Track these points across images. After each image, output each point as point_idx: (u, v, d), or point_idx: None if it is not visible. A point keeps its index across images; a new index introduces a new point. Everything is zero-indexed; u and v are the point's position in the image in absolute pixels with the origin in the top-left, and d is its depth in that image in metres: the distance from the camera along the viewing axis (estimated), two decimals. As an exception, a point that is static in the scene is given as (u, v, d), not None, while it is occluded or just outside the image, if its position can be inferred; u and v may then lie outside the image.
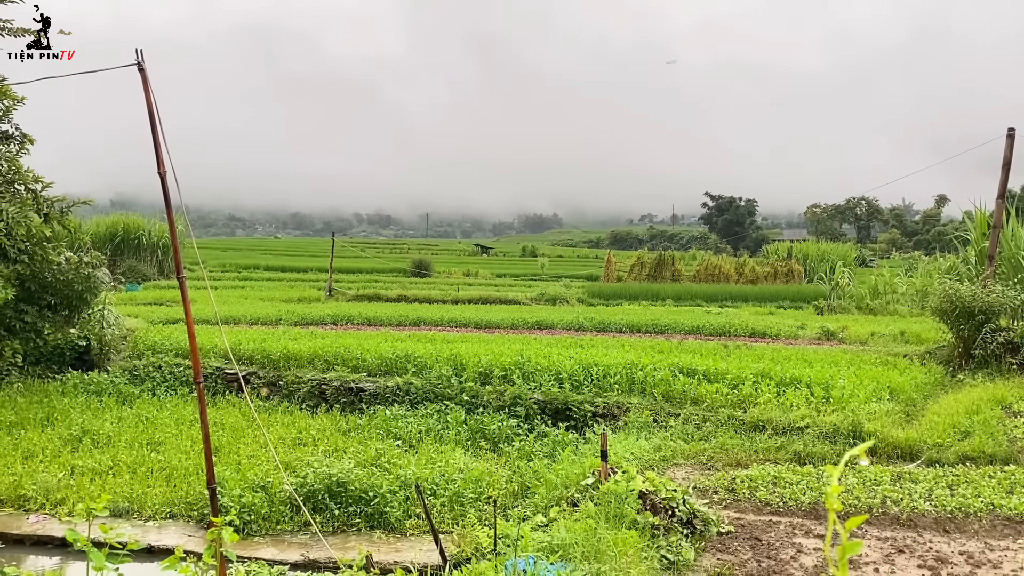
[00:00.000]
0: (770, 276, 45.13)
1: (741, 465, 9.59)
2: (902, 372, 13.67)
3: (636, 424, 11.06)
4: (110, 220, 49.21)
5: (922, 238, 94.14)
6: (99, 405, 12.75)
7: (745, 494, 8.43)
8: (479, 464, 9.76)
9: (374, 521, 8.31)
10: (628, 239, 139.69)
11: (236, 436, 11.02)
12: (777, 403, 11.29)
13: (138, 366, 14.84)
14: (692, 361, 13.27)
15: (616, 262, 52.97)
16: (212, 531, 3.24)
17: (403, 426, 11.41)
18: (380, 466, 9.38)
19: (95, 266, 16.24)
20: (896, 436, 10.12)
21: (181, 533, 8.12)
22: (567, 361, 13.10)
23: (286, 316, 22.21)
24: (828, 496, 1.31)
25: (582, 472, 7.88)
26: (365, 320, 22.76)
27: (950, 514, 7.75)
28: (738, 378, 12.25)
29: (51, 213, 14.68)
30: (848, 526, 1.43)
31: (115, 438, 10.81)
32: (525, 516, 7.58)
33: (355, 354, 14.02)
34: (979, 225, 17.90)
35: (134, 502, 8.64)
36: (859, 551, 1.36)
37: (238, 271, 53.13)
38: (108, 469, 9.62)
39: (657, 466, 9.33)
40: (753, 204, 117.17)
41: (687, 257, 66.22)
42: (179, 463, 9.70)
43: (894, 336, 19.22)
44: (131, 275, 41.36)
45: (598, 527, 6.17)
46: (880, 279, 34.69)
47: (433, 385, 12.79)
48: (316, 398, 13.37)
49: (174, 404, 12.96)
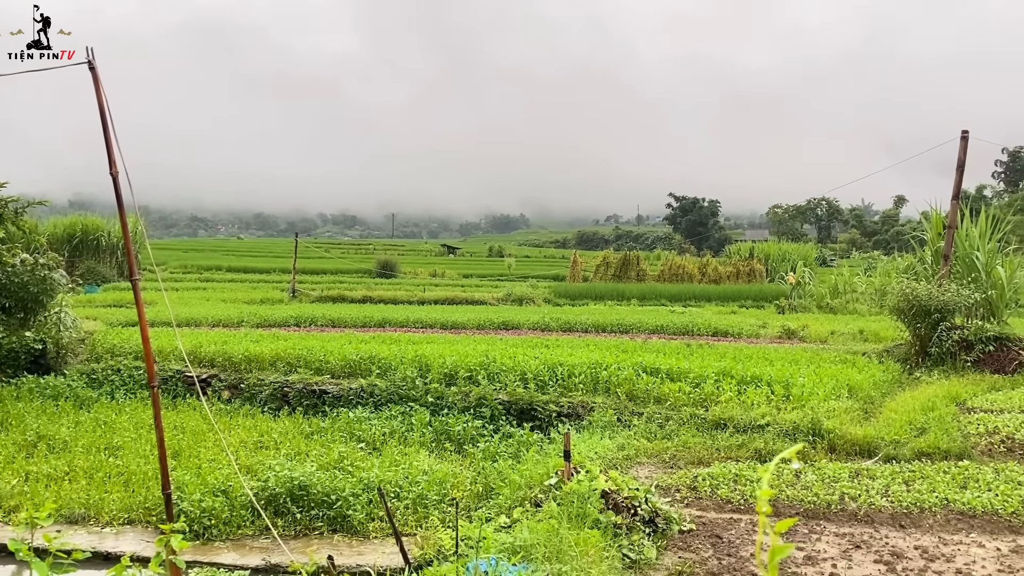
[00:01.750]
0: (733, 276, 45.64)
1: (703, 463, 9.68)
2: (861, 370, 13.89)
3: (600, 423, 11.12)
4: (68, 221, 48.23)
5: (881, 238, 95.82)
6: (55, 409, 12.50)
7: (707, 492, 8.50)
8: (443, 466, 9.74)
9: (337, 524, 8.25)
10: (594, 239, 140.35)
11: (197, 440, 10.87)
12: (738, 401, 11.42)
13: (96, 369, 14.58)
14: (656, 360, 13.37)
15: (582, 262, 53.20)
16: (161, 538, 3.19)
17: (367, 428, 11.35)
18: (343, 469, 9.32)
19: (52, 267, 15.93)
20: (854, 433, 10.28)
21: (139, 539, 7.99)
22: (532, 361, 13.13)
23: (248, 318, 21.96)
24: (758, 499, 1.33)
25: (546, 472, 7.90)
26: (329, 321, 22.60)
27: (906, 509, 7.89)
28: (700, 377, 12.36)
29: (5, 214, 14.39)
30: (778, 528, 1.45)
31: (72, 443, 10.61)
32: (488, 517, 7.58)
33: (318, 356, 13.92)
34: (935, 225, 18.26)
35: (90, 508, 8.49)
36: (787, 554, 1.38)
37: (200, 272, 52.39)
38: (64, 475, 9.43)
39: (620, 465, 9.38)
40: (716, 205, 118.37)
41: (652, 257, 66.73)
42: (138, 468, 9.55)
43: (853, 334, 19.55)
44: (90, 277, 40.57)
45: (560, 527, 6.19)
46: (840, 278, 35.25)
47: (398, 387, 12.74)
48: (278, 401, 13.25)
49: (133, 408, 12.75)
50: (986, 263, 17.03)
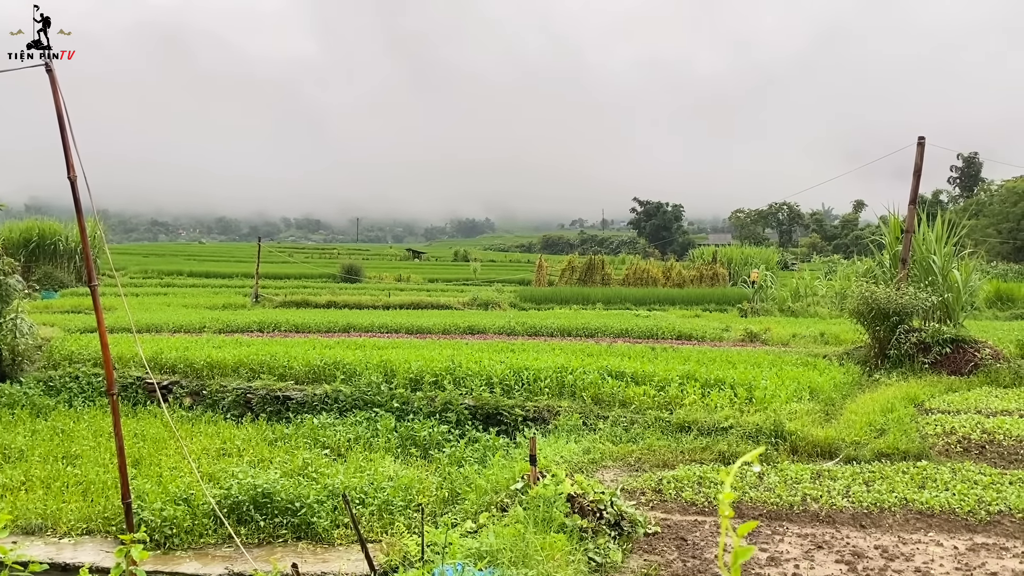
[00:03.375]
0: (696, 279, 46.08)
1: (668, 466, 9.75)
2: (822, 372, 14.10)
3: (566, 427, 11.15)
4: (24, 225, 47.20)
5: (841, 242, 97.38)
6: (11, 418, 12.24)
7: (671, 495, 8.57)
8: (409, 471, 9.70)
9: (301, 532, 8.17)
10: (560, 243, 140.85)
11: (158, 447, 10.70)
12: (702, 404, 11.52)
13: (54, 376, 14.29)
14: (621, 364, 13.45)
15: (548, 266, 53.34)
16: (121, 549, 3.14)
17: (331, 434, 11.26)
18: (307, 476, 9.24)
19: (7, 273, 15.57)
20: (816, 435, 10.43)
21: (98, 550, 7.84)
22: (498, 366, 13.13)
23: (211, 324, 21.68)
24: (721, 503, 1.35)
25: (512, 477, 7.90)
26: (293, 327, 22.39)
27: (866, 510, 8.02)
28: (665, 380, 12.46)
29: (-42, 218, 14.04)
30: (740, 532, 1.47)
31: (28, 452, 10.39)
32: (454, 523, 7.56)
33: (282, 362, 13.79)
34: (893, 230, 18.61)
35: (48, 518, 8.31)
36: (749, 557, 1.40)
37: (160, 277, 51.61)
38: (20, 485, 9.23)
39: (586, 469, 9.41)
40: (680, 209, 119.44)
41: (617, 261, 67.18)
42: (97, 477, 9.37)
43: (814, 337, 19.85)
44: (47, 282, 39.74)
45: (527, 532, 6.19)
46: (801, 282, 35.79)
47: (362, 392, 12.65)
48: (241, 407, 13.09)
49: (92, 416, 12.52)
50: (943, 267, 17.40)
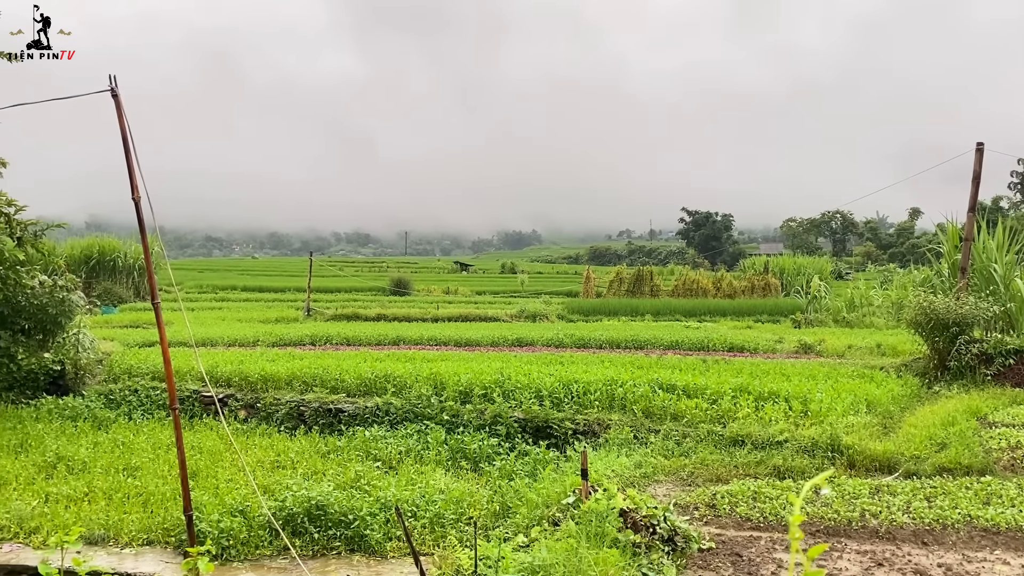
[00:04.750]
0: (747, 290, 45.49)
1: (721, 480, 9.62)
2: (879, 385, 13.79)
3: (617, 441, 11.07)
4: (85, 242, 48.78)
5: (897, 250, 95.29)
6: (74, 430, 12.56)
7: (726, 510, 8.44)
8: (460, 484, 9.71)
9: (354, 544, 8.23)
10: (607, 255, 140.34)
11: (214, 460, 10.90)
12: (756, 417, 11.35)
13: (114, 390, 14.66)
14: (672, 377, 13.32)
15: (595, 278, 53.20)
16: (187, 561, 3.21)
17: (383, 447, 11.34)
18: (360, 488, 9.31)
19: (70, 289, 16.07)
20: (874, 449, 10.20)
21: (159, 560, 8.00)
22: (547, 378, 13.11)
23: (264, 337, 22.06)
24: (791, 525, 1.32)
25: (563, 491, 7.87)
26: (344, 340, 22.66)
27: (928, 526, 7.80)
28: (717, 393, 12.30)
29: (24, 236, 14.55)
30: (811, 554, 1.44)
31: (91, 464, 10.65)
32: (506, 536, 7.55)
33: (334, 375, 13.95)
34: (951, 238, 18.15)
35: (110, 529, 8.50)
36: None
37: (215, 292, 52.75)
38: (83, 496, 9.46)
39: (638, 483, 9.33)
40: (729, 219, 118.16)
41: (665, 272, 66.65)
42: (156, 488, 9.57)
43: (871, 348, 19.42)
44: (107, 298, 40.96)
45: (579, 546, 6.16)
46: (856, 292, 35.07)
47: (413, 405, 12.74)
48: (295, 420, 13.27)
49: (150, 428, 12.80)
50: (1004, 275, 16.90)
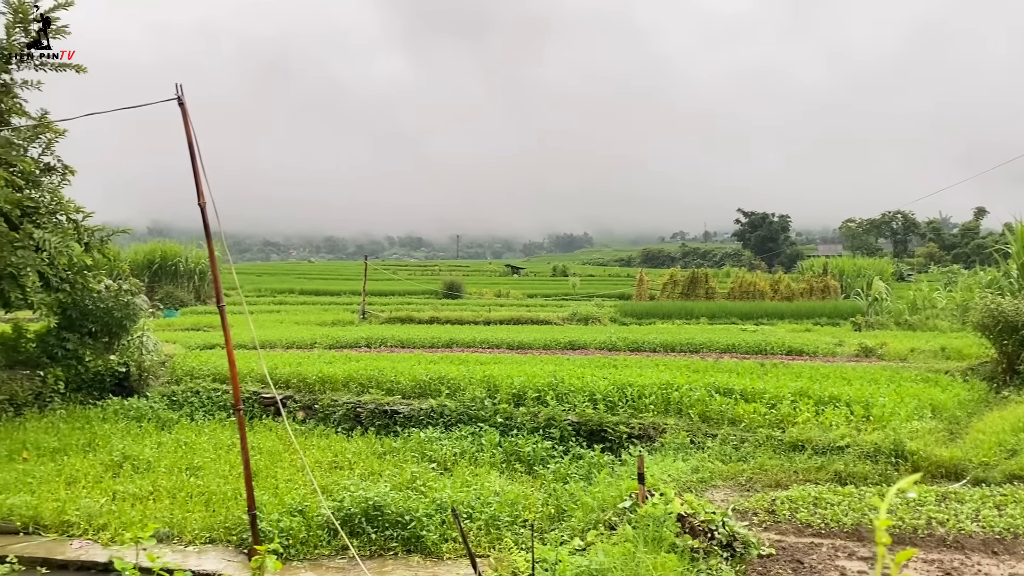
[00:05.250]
0: (806, 292, 44.64)
1: (780, 486, 9.44)
2: (944, 389, 13.39)
3: (672, 445, 10.95)
4: (148, 247, 50.15)
5: (961, 251, 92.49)
6: (139, 430, 12.91)
7: (785, 515, 8.28)
8: (514, 487, 9.72)
9: (411, 545, 8.29)
10: (660, 257, 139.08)
11: (273, 460, 11.09)
12: (816, 422, 11.12)
13: (176, 391, 15.01)
14: (728, 380, 13.13)
15: (648, 280, 52.78)
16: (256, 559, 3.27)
17: (438, 448, 11.41)
18: (416, 489, 9.38)
19: (134, 293, 16.53)
20: (940, 455, 9.90)
21: (221, 558, 8.17)
22: (601, 382, 13.03)
23: (321, 340, 22.40)
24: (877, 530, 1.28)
25: (619, 495, 7.81)
26: (398, 342, 22.87)
27: (998, 535, 7.54)
28: (776, 397, 12.09)
29: (91, 242, 14.97)
30: (898, 559, 1.40)
31: (155, 463, 10.93)
32: (562, 540, 7.53)
33: (389, 377, 14.08)
34: (1020, 238, 17.54)
35: (174, 527, 8.71)
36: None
37: (273, 295, 53.75)
38: (148, 494, 9.72)
39: (695, 488, 9.21)
40: (787, 220, 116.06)
41: (721, 274, 65.80)
42: (218, 488, 9.78)
43: (935, 352, 18.88)
44: (168, 301, 42.05)
45: (637, 551, 6.10)
46: (919, 294, 34.15)
47: (467, 407, 12.78)
48: (351, 421, 13.42)
49: (212, 429, 13.08)
50: (1077, 276, 16.27)
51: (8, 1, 13.47)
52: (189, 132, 5.16)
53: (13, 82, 13.77)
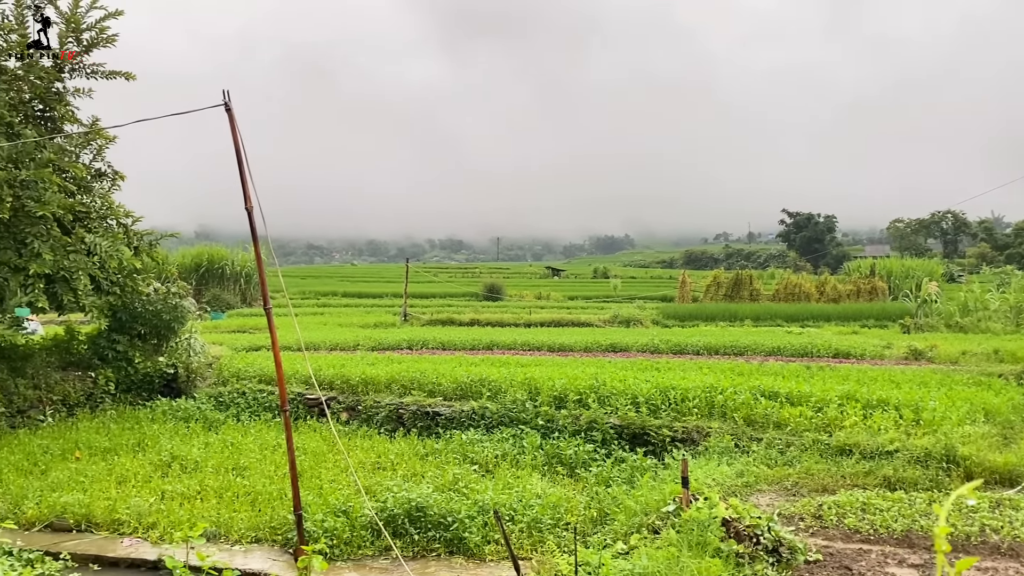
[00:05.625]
0: (852, 294, 43.87)
1: (827, 491, 9.27)
2: (998, 393, 13.04)
3: (717, 449, 10.82)
4: (195, 251, 51.14)
5: (1015, 251, 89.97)
6: (187, 431, 13.14)
7: (833, 521, 8.13)
8: (556, 489, 9.69)
9: (453, 546, 8.31)
10: (703, 258, 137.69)
11: (317, 460, 11.20)
12: (864, 426, 10.90)
13: (223, 392, 15.24)
14: (774, 383, 12.95)
15: (691, 282, 52.33)
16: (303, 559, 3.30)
17: (479, 450, 11.42)
18: (458, 491, 9.40)
19: (181, 296, 16.86)
20: (993, 460, 9.63)
21: (266, 557, 8.27)
22: (643, 384, 12.94)
23: (364, 341, 22.59)
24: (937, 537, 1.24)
25: (662, 499, 7.74)
26: (439, 344, 22.96)
27: (1056, 544, 7.31)
28: (822, 401, 11.89)
29: (140, 246, 15.30)
30: (959, 568, 1.35)
31: (202, 463, 11.11)
32: (605, 543, 7.48)
33: (431, 378, 14.14)
34: (1077, 237, 17.01)
35: (221, 526, 8.85)
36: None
37: (317, 298, 54.40)
38: (196, 494, 9.88)
39: (740, 492, 9.09)
40: (832, 220, 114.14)
41: (765, 276, 64.93)
42: (263, 488, 9.90)
43: (987, 355, 18.40)
44: (215, 304, 42.80)
45: (681, 555, 6.04)
46: (970, 295, 33.32)
47: (508, 409, 12.78)
48: (394, 422, 13.51)
49: (258, 429, 13.26)
50: None
51: (61, 12, 13.83)
52: (236, 137, 5.24)
53: (66, 90, 14.14)
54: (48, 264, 12.63)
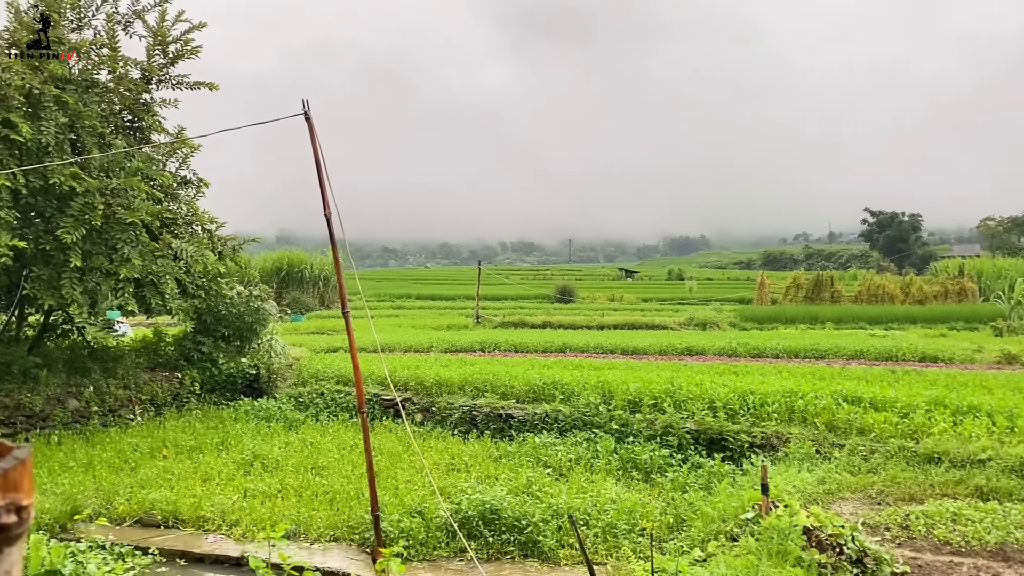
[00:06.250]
0: (940, 295, 42.21)
1: (915, 500, 8.92)
2: (1100, 400, 12.33)
3: (797, 455, 10.53)
4: (276, 255, 52.50)
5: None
6: (268, 430, 13.47)
7: (921, 531, 7.82)
8: (631, 495, 9.58)
9: (527, 550, 8.30)
10: (782, 259, 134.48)
11: (393, 461, 11.35)
12: (953, 433, 10.45)
13: (302, 393, 15.58)
14: (857, 388, 12.54)
15: (770, 284, 51.17)
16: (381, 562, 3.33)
17: (552, 454, 11.39)
18: (531, 494, 9.38)
19: (263, 299, 17.34)
20: (1097, 471, 9.11)
21: (344, 556, 8.41)
22: (721, 389, 12.69)
23: (437, 343, 22.81)
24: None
25: (741, 505, 7.57)
26: (511, 346, 23.01)
27: None
28: (908, 406, 11.45)
29: (224, 251, 15.78)
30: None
31: (282, 462, 11.38)
32: (682, 550, 7.36)
33: (503, 381, 14.17)
34: None
35: (300, 524, 9.04)
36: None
37: (392, 300, 55.19)
38: (277, 492, 10.12)
39: (821, 500, 8.82)
40: (918, 219, 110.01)
41: (847, 277, 63.02)
42: (341, 487, 10.08)
43: (1088, 359, 17.45)
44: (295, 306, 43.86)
45: (760, 564, 5.89)
46: (1069, 296, 31.65)
47: (581, 413, 12.71)
48: (467, 424, 13.58)
49: (336, 429, 13.51)
50: None
51: (148, 25, 14.39)
52: (315, 145, 5.34)
53: (153, 101, 14.69)
54: (137, 269, 13.14)
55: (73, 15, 13.78)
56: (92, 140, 13.08)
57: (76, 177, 12.38)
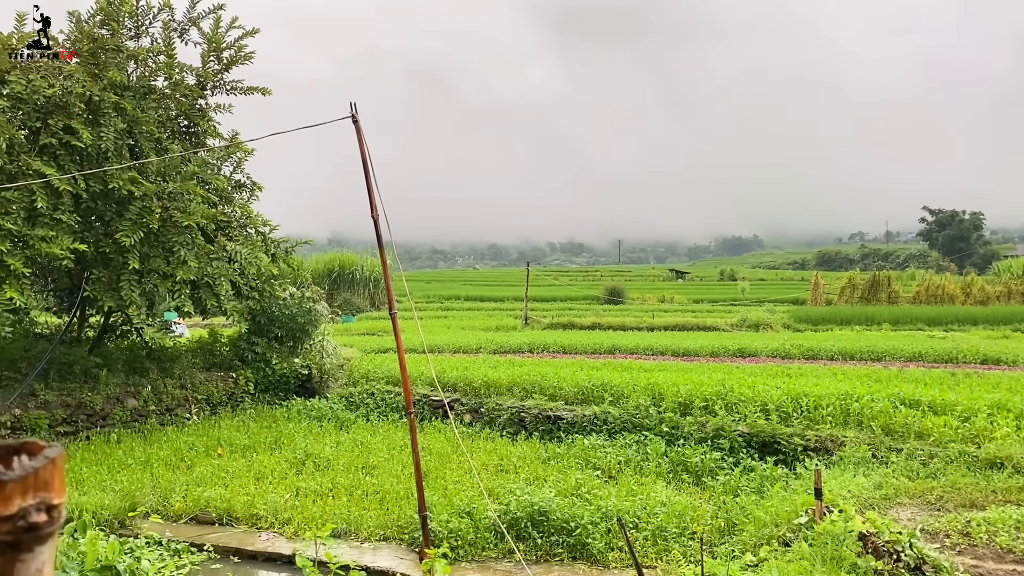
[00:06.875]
0: (1003, 296, 40.94)
1: (976, 506, 8.64)
2: None
3: (852, 459, 10.29)
4: (327, 257, 53.22)
5: None
6: (319, 430, 13.65)
7: (983, 539, 7.57)
8: (682, 497, 9.47)
9: (576, 552, 8.25)
10: (837, 259, 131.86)
11: (442, 461, 11.40)
12: (1017, 438, 10.10)
13: (353, 393, 15.76)
14: (915, 391, 12.21)
15: (824, 284, 50.19)
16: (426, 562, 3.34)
17: (602, 456, 11.32)
18: (580, 496, 9.33)
19: (315, 300, 17.59)
20: None
21: (394, 556, 8.47)
22: (773, 391, 12.47)
23: (485, 344, 22.86)
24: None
25: (794, 510, 7.42)
26: (560, 348, 22.94)
27: None
28: (969, 410, 11.11)
29: (277, 253, 16.04)
30: None
31: (334, 462, 11.52)
32: (733, 554, 7.25)
33: (552, 382, 14.13)
34: None
35: (351, 524, 9.13)
36: None
37: (440, 301, 55.53)
38: (328, 491, 10.24)
39: (878, 505, 8.61)
40: (979, 217, 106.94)
41: (904, 277, 61.54)
42: (391, 487, 10.16)
43: None
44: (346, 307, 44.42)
45: (814, 570, 5.77)
46: None
47: (631, 415, 12.61)
48: (516, 425, 13.58)
49: (386, 430, 13.63)
50: None
51: (203, 32, 14.70)
52: (363, 148, 5.39)
53: (208, 106, 15.00)
54: (193, 271, 13.43)
55: (131, 23, 14.14)
56: (149, 145, 13.41)
57: (134, 181, 12.71)
